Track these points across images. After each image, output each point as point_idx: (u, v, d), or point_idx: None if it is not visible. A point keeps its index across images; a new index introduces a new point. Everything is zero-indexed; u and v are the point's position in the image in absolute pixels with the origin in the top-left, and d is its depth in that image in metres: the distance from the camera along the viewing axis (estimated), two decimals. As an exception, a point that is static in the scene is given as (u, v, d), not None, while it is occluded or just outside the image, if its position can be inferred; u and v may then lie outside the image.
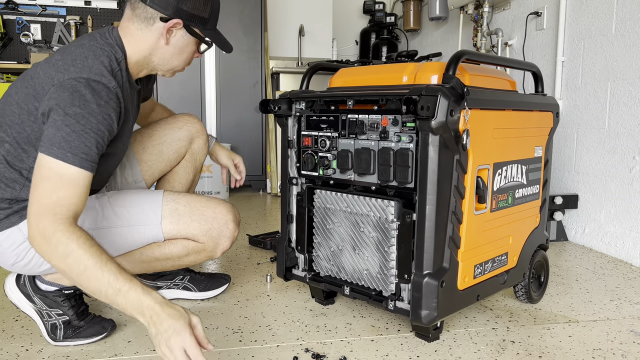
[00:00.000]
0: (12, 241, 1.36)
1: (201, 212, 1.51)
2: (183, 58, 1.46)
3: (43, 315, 1.46)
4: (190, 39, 1.42)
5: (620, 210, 2.38)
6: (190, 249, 1.53)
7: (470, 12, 3.49)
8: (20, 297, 1.47)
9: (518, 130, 1.56)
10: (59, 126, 1.20)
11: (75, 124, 1.21)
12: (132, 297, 1.14)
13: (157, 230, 1.47)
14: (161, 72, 1.48)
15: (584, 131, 2.60)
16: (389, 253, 1.41)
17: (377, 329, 1.56)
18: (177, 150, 1.73)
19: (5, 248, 1.37)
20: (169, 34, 1.38)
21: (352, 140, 1.49)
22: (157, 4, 1.33)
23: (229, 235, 1.55)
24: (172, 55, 1.43)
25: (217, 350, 1.42)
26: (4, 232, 1.35)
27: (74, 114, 1.21)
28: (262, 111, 1.69)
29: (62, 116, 1.21)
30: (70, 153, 1.20)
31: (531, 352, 1.42)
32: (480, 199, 1.43)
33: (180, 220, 1.49)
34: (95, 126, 1.23)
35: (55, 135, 1.20)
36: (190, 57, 1.47)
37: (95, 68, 1.28)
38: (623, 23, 2.36)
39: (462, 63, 1.39)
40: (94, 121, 1.23)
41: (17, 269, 1.42)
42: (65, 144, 1.19)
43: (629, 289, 1.96)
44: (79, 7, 4.37)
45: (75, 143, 1.20)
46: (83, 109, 1.22)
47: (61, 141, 1.19)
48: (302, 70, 4.28)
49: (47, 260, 1.19)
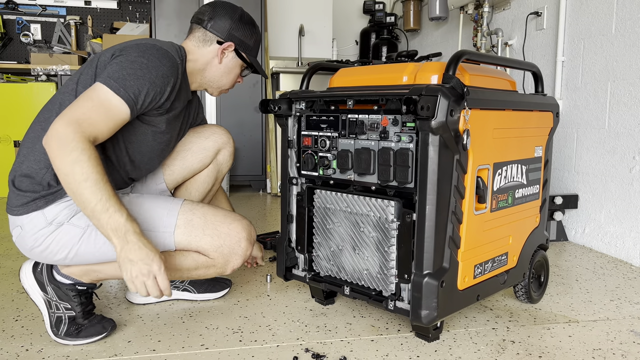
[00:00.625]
0: (33, 224, 1.39)
1: (215, 227, 1.50)
2: (230, 78, 1.65)
3: (51, 307, 1.47)
4: (238, 62, 1.63)
5: (620, 210, 2.38)
6: (200, 263, 1.52)
7: (470, 12, 3.49)
8: (33, 284, 1.49)
9: (518, 130, 1.56)
10: (123, 66, 1.36)
11: (138, 70, 1.36)
12: (116, 218, 1.28)
13: (169, 238, 1.47)
14: (210, 89, 1.66)
15: (584, 131, 2.60)
16: (389, 253, 1.41)
17: (377, 329, 1.56)
18: (202, 159, 1.75)
19: (27, 231, 1.40)
20: (222, 54, 1.59)
21: (352, 140, 1.49)
22: (215, 29, 1.56)
23: (241, 253, 1.53)
24: (222, 74, 1.62)
25: (217, 350, 1.42)
26: (28, 215, 1.39)
27: (139, 62, 1.37)
28: (262, 111, 1.69)
29: (127, 61, 1.37)
30: (123, 88, 1.34)
31: (531, 352, 1.42)
32: (480, 199, 1.43)
33: (193, 232, 1.48)
34: (154, 79, 1.38)
35: (117, 72, 1.35)
36: (235, 78, 1.67)
37: (164, 44, 1.48)
38: (623, 23, 2.36)
39: (462, 63, 1.39)
40: (154, 73, 1.39)
41: (34, 255, 1.44)
42: (122, 81, 1.34)
43: (629, 289, 1.96)
44: (79, 7, 4.38)
45: (131, 83, 1.35)
46: (148, 60, 1.39)
47: (120, 78, 1.34)
48: (302, 70, 4.28)
49: (53, 160, 1.26)
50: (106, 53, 1.45)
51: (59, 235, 1.40)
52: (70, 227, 1.41)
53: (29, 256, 1.48)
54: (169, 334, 1.52)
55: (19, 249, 1.45)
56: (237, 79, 1.68)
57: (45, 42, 4.27)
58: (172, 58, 1.45)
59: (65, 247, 1.41)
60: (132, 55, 1.39)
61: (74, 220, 1.41)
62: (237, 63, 1.63)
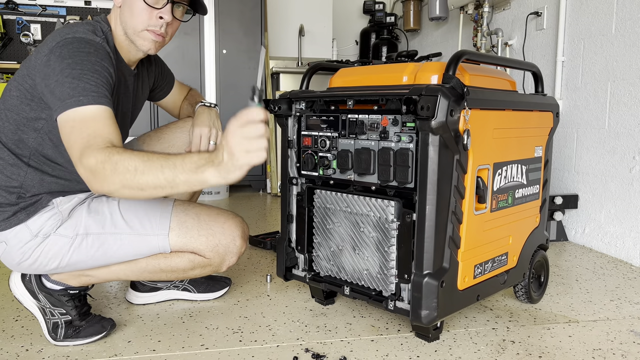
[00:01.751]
0: (19, 239, 1.37)
1: (209, 227, 1.50)
2: (136, 16, 1.40)
3: (46, 313, 1.46)
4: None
5: (620, 210, 2.38)
6: (196, 263, 1.51)
7: (470, 12, 3.49)
8: (24, 293, 1.48)
9: (518, 130, 1.56)
10: (60, 82, 1.22)
11: (72, 71, 1.23)
12: (188, 160, 1.12)
13: (164, 241, 1.46)
14: (136, 42, 1.43)
15: (584, 131, 2.60)
16: (389, 253, 1.41)
17: (377, 329, 1.56)
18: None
19: (12, 246, 1.37)
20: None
21: (352, 140, 1.49)
22: None
23: (236, 251, 1.54)
24: (128, 17, 1.40)
25: (217, 350, 1.42)
26: (12, 230, 1.36)
27: (68, 65, 1.23)
28: (262, 111, 1.68)
29: (58, 74, 1.23)
30: (82, 96, 1.21)
31: (531, 352, 1.42)
32: (480, 199, 1.43)
33: (187, 233, 1.48)
34: (92, 67, 1.25)
35: (62, 91, 1.22)
36: (144, 14, 1.40)
37: (79, 32, 1.32)
38: (623, 23, 2.36)
39: (462, 63, 1.39)
40: (88, 64, 1.25)
41: (23, 268, 1.42)
42: (73, 92, 1.21)
43: (629, 289, 1.96)
44: (79, 7, 4.37)
45: (81, 86, 1.22)
46: (75, 57, 1.25)
47: (68, 92, 1.21)
48: (302, 70, 4.28)
49: (112, 194, 1.15)
50: (36, 55, 1.32)
51: (47, 247, 1.38)
52: (57, 237, 1.39)
53: (17, 270, 1.46)
54: (169, 334, 1.52)
55: (5, 264, 1.43)
56: (149, 13, 1.40)
57: (45, 42, 4.27)
58: (93, 40, 1.32)
59: (55, 257, 1.40)
60: (56, 63, 1.25)
61: (60, 231, 1.39)
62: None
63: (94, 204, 1.45)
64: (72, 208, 1.42)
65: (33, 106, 1.33)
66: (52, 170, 1.39)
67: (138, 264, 1.49)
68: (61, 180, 1.41)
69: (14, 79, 1.37)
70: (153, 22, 1.41)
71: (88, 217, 1.42)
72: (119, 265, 1.48)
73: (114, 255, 1.43)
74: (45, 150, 1.37)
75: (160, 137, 1.73)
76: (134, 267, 1.49)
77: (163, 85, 1.74)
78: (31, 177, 1.37)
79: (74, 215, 1.42)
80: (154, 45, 1.45)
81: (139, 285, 1.73)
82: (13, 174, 1.36)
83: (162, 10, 1.41)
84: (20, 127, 1.35)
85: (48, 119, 1.33)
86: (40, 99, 1.30)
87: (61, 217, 1.40)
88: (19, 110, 1.34)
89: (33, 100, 1.32)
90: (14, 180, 1.36)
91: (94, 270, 1.48)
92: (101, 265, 1.45)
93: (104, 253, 1.42)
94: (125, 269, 1.49)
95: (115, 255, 1.43)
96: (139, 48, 1.45)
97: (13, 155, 1.36)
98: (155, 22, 1.41)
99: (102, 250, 1.41)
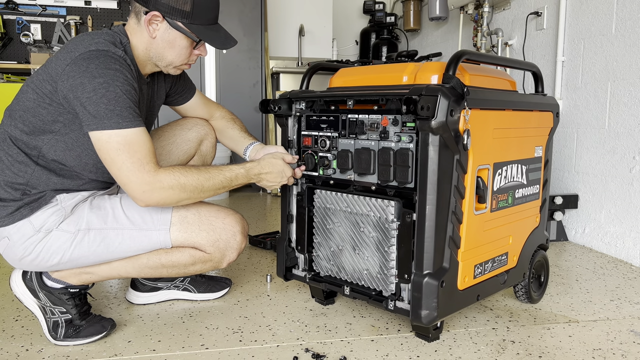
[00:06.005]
0: (21, 234, 1.38)
1: (210, 222, 1.51)
2: (176, 53, 1.46)
3: (46, 312, 1.46)
4: (177, 34, 1.43)
5: (620, 210, 2.38)
6: (197, 258, 1.52)
7: (470, 12, 3.49)
8: (25, 291, 1.48)
9: (518, 130, 1.56)
10: (94, 101, 1.27)
11: (106, 93, 1.28)
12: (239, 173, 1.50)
13: (165, 236, 1.47)
14: (161, 67, 1.50)
15: (584, 131, 2.60)
16: (389, 253, 1.41)
17: (377, 329, 1.56)
18: (187, 150, 1.76)
19: (15, 241, 1.38)
20: (150, 26, 1.41)
21: (352, 140, 1.49)
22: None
23: (236, 247, 1.55)
24: (163, 49, 1.45)
25: (217, 350, 1.42)
26: (15, 225, 1.38)
27: (100, 85, 1.28)
28: (262, 111, 1.69)
29: (90, 92, 1.27)
30: (121, 119, 1.29)
31: (531, 352, 1.42)
32: (480, 199, 1.43)
33: (188, 228, 1.49)
34: (122, 88, 1.31)
35: (98, 110, 1.28)
36: (184, 52, 1.46)
37: (101, 43, 1.35)
38: (623, 23, 2.36)
39: (462, 63, 1.39)
40: (119, 84, 1.30)
41: (24, 264, 1.43)
42: (111, 114, 1.28)
43: (629, 289, 1.96)
44: (79, 7, 4.37)
45: (118, 109, 1.29)
46: (104, 76, 1.29)
47: (105, 113, 1.28)
48: (302, 70, 4.28)
49: (172, 203, 1.40)
50: (56, 62, 1.33)
51: (49, 242, 1.39)
52: (60, 233, 1.40)
53: (18, 267, 1.46)
54: (169, 334, 1.52)
55: (7, 260, 1.43)
56: (189, 52, 1.48)
57: (45, 42, 4.27)
58: (115, 53, 1.33)
59: (56, 253, 1.40)
60: (86, 80, 1.27)
61: (63, 226, 1.40)
62: (175, 35, 1.42)
63: (96, 201, 1.46)
64: (75, 204, 1.43)
65: (51, 110, 1.34)
66: (59, 171, 1.41)
67: (139, 259, 1.49)
68: (67, 180, 1.42)
69: (31, 82, 1.38)
70: (192, 59, 1.52)
71: (90, 213, 1.43)
72: (120, 261, 1.48)
73: (116, 251, 1.44)
74: (56, 152, 1.38)
75: (161, 135, 1.75)
76: (135, 263, 1.49)
77: (181, 91, 1.75)
78: (38, 176, 1.39)
79: (77, 212, 1.43)
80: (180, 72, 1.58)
81: (139, 285, 1.74)
82: (20, 171, 1.38)
83: (200, 49, 1.51)
84: (35, 128, 1.36)
85: (67, 123, 1.35)
86: (60, 104, 1.33)
87: (64, 213, 1.41)
88: (35, 112, 1.35)
89: (51, 104, 1.34)
90: (20, 177, 1.38)
91: (95, 267, 1.48)
92: (102, 261, 1.45)
93: (106, 248, 1.42)
94: (127, 265, 1.49)
95: (117, 251, 1.44)
96: (164, 72, 1.54)
97: (23, 153, 1.38)
98: (193, 59, 1.52)
99: (103, 245, 1.42)
